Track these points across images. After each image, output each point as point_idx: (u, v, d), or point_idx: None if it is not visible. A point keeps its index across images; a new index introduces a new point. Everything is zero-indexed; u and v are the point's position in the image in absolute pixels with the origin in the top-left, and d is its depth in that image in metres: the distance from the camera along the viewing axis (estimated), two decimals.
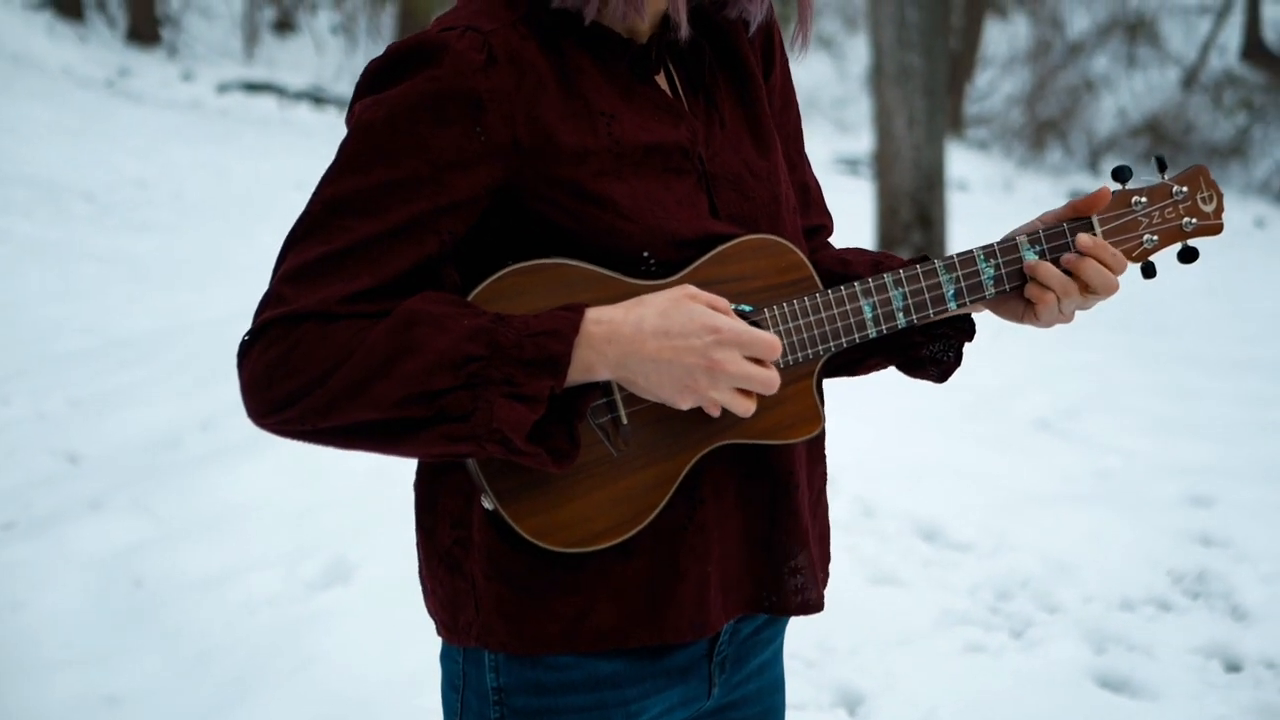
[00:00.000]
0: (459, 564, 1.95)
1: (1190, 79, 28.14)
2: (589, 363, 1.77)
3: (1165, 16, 29.78)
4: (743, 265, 1.93)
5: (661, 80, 2.00)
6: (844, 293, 1.98)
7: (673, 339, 1.77)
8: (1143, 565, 5.62)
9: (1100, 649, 4.92)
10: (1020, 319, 2.10)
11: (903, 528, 5.71)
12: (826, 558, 2.16)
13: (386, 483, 5.75)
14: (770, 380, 1.81)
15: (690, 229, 1.90)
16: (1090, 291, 2.04)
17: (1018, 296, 2.09)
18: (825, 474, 2.18)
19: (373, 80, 1.87)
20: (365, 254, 1.77)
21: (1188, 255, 2.10)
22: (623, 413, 1.86)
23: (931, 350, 2.15)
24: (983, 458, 6.87)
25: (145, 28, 21.98)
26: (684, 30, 1.91)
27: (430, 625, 2.08)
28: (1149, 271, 2.09)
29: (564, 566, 1.90)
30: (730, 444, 1.95)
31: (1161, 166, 2.09)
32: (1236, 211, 19.28)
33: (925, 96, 11.81)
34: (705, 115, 2.01)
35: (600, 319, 1.78)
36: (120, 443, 6.45)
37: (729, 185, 1.98)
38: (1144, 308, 11.72)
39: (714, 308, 1.81)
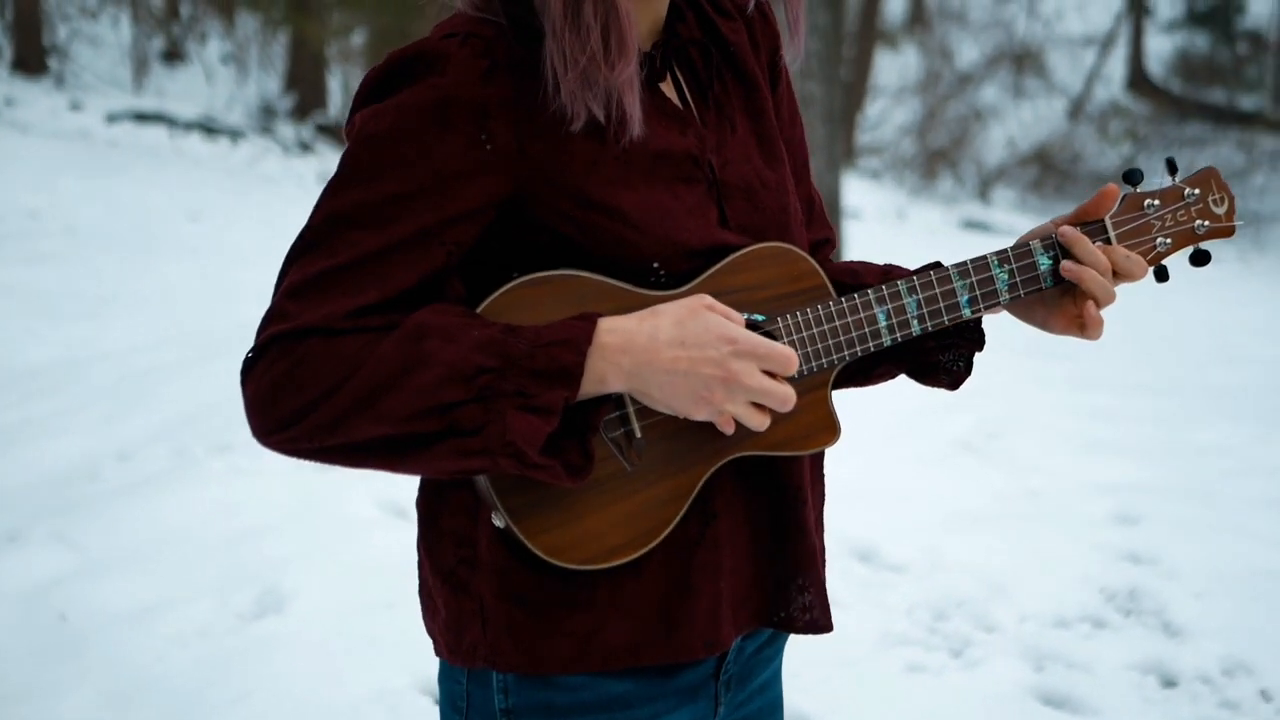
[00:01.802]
0: (465, 583, 1.91)
1: (1076, 109, 28.57)
2: (602, 374, 1.73)
3: (1051, 48, 30.24)
4: (754, 274, 1.90)
5: (668, 88, 1.96)
6: (857, 301, 1.95)
7: (689, 349, 1.74)
8: (1075, 583, 5.65)
9: (1039, 667, 4.93)
10: (1043, 324, 2.09)
11: (839, 549, 5.69)
12: (825, 579, 2.12)
13: (316, 509, 5.68)
14: (786, 395, 1.78)
15: (700, 239, 1.87)
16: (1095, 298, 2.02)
17: (1036, 301, 2.07)
18: (825, 492, 2.15)
19: (374, 89, 1.83)
20: (371, 267, 1.73)
21: (1200, 258, 2.09)
22: (636, 426, 1.82)
23: (942, 359, 2.13)
24: (912, 479, 6.88)
25: (31, 57, 21.61)
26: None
27: (372, 654, 2.02)
28: (1162, 275, 2.08)
29: (576, 584, 1.86)
30: (741, 457, 1.92)
31: (1172, 169, 2.07)
32: None
33: (824, 124, 11.86)
34: (715, 123, 1.98)
35: (614, 328, 1.74)
36: (35, 475, 6.29)
37: (739, 195, 1.96)
38: (1038, 333, 11.79)
39: (728, 318, 1.78)
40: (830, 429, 1.98)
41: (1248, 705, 4.75)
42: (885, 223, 22.13)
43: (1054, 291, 2.06)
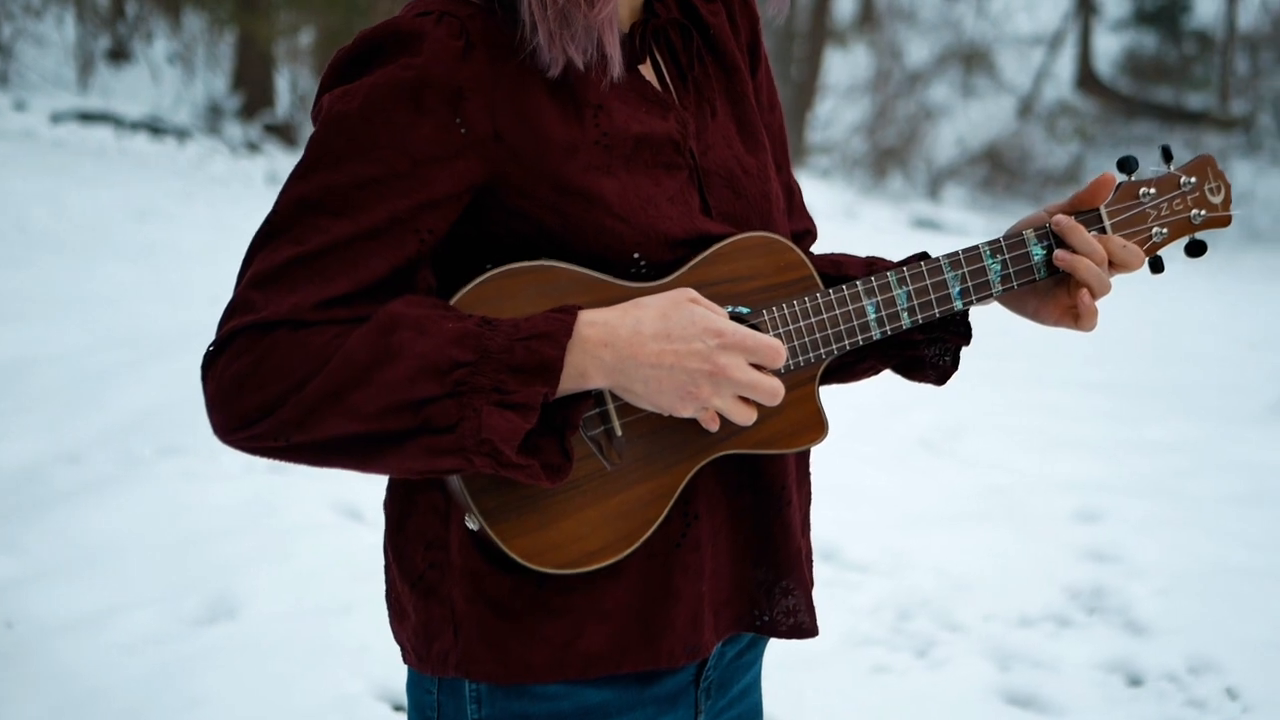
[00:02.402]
0: (434, 588, 1.84)
1: (1025, 108, 28.66)
2: (583, 368, 1.67)
3: (1000, 47, 30.32)
4: (739, 265, 1.85)
5: (647, 71, 1.90)
6: (845, 293, 1.90)
7: (674, 342, 1.68)
8: (1039, 582, 5.62)
9: (1004, 666, 4.90)
10: (1034, 314, 2.04)
11: None
12: (812, 582, 2.06)
13: (268, 512, 5.58)
14: (775, 389, 1.72)
15: (683, 228, 1.81)
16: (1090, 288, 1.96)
17: (1029, 291, 2.02)
18: (811, 493, 2.09)
19: (343, 69, 1.76)
20: (340, 256, 1.67)
21: (1196, 249, 2.04)
22: (616, 423, 1.77)
23: (929, 353, 2.07)
24: (873, 477, 6.84)
25: None
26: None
27: (327, 660, 1.94)
28: (1157, 266, 2.04)
29: (551, 588, 1.80)
30: (724, 455, 1.86)
31: (1167, 157, 2.02)
32: None
33: None
34: (695, 107, 1.92)
35: (595, 321, 1.68)
36: None
37: (721, 181, 1.90)
38: (988, 332, 11.81)
39: (713, 312, 1.72)
40: (818, 426, 1.92)
41: (1214, 704, 4.73)
42: (836, 221, 22.11)
43: (1047, 282, 2.01)
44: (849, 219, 22.87)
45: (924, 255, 1.99)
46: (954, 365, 2.08)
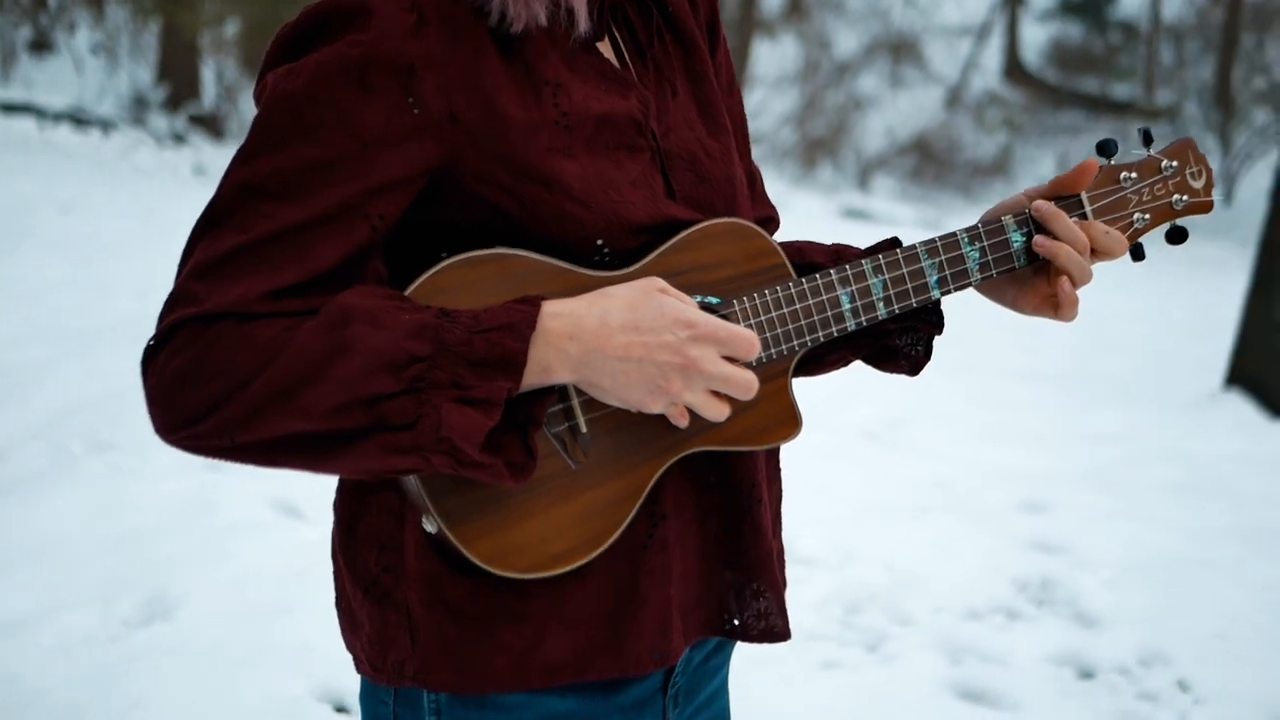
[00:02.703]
0: (389, 594, 1.76)
1: (954, 99, 28.76)
2: (547, 362, 1.59)
3: (928, 38, 30.43)
4: (708, 252, 1.77)
5: (605, 49, 1.82)
6: (819, 282, 1.83)
7: (643, 334, 1.60)
8: (987, 574, 5.59)
9: (955, 660, 4.86)
10: (1013, 303, 1.98)
11: None
12: (784, 583, 1.99)
13: (203, 509, 5.46)
14: (749, 383, 1.64)
15: (647, 213, 1.73)
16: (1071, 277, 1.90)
17: (1007, 280, 1.96)
18: (781, 490, 2.02)
19: (287, 46, 1.67)
20: (288, 244, 1.58)
21: (1177, 235, 1.98)
22: (581, 420, 1.68)
23: (901, 343, 2.00)
24: (819, 469, 6.78)
25: None
26: None
27: (267, 660, 1.86)
28: (1138, 254, 1.98)
29: (512, 593, 1.71)
30: (694, 452, 1.78)
31: (1147, 140, 1.96)
32: None
33: None
34: (655, 87, 1.84)
35: (560, 312, 1.60)
36: None
37: (684, 165, 1.82)
38: None
39: (684, 303, 1.64)
40: (791, 421, 1.85)
41: (1166, 696, 4.71)
42: None
43: (1026, 270, 1.95)
44: (779, 210, 22.87)
45: (895, 241, 1.93)
46: (927, 355, 2.01)
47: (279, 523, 5.44)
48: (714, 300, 1.76)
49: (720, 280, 1.78)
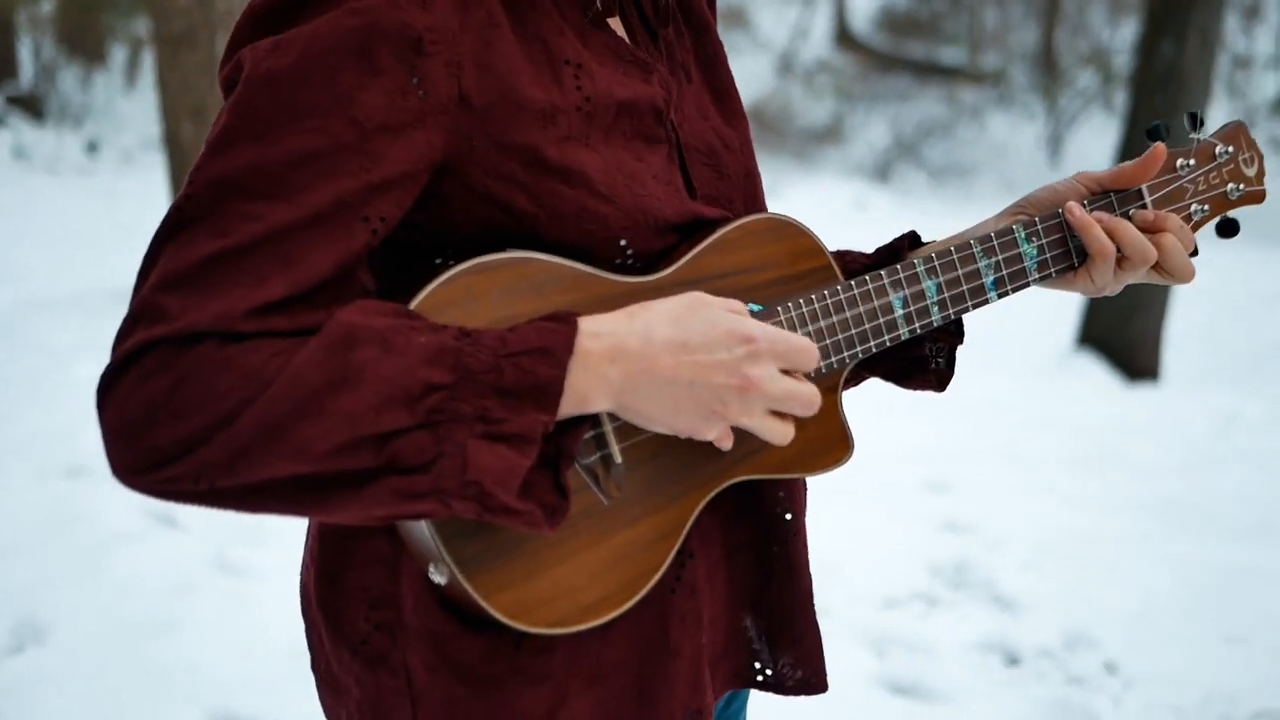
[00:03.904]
0: (383, 656, 1.53)
1: (785, 66, 28.73)
2: (585, 390, 1.37)
3: (757, 6, 30.35)
4: (749, 253, 1.59)
5: (616, 26, 1.59)
6: (870, 286, 1.64)
7: (694, 353, 1.40)
8: (901, 559, 5.45)
9: (881, 652, 4.71)
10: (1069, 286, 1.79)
11: None
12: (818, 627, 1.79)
13: (70, 523, 5.11)
14: (813, 398, 1.45)
15: (674, 209, 1.54)
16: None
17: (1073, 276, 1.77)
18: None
19: (266, 17, 1.43)
20: (276, 250, 1.34)
21: (1228, 229, 1.82)
22: (615, 449, 1.46)
23: (929, 353, 1.81)
24: None
25: None
26: None
27: (153, 684, 1.62)
28: (1194, 250, 1.78)
29: (530, 650, 1.50)
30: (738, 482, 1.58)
31: (1196, 123, 1.78)
32: (833, 195, 19.67)
33: None
34: (668, 72, 1.62)
35: (599, 331, 1.39)
36: None
37: (701, 158, 1.63)
38: None
39: (731, 312, 1.45)
40: (842, 444, 1.67)
41: (1095, 680, 4.63)
42: None
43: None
44: None
45: (914, 236, 1.75)
46: (950, 367, 1.83)
47: (154, 533, 5.06)
48: (756, 307, 1.56)
49: (764, 284, 1.59)
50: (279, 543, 4.83)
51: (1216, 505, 6.36)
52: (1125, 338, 11.33)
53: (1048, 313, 10.79)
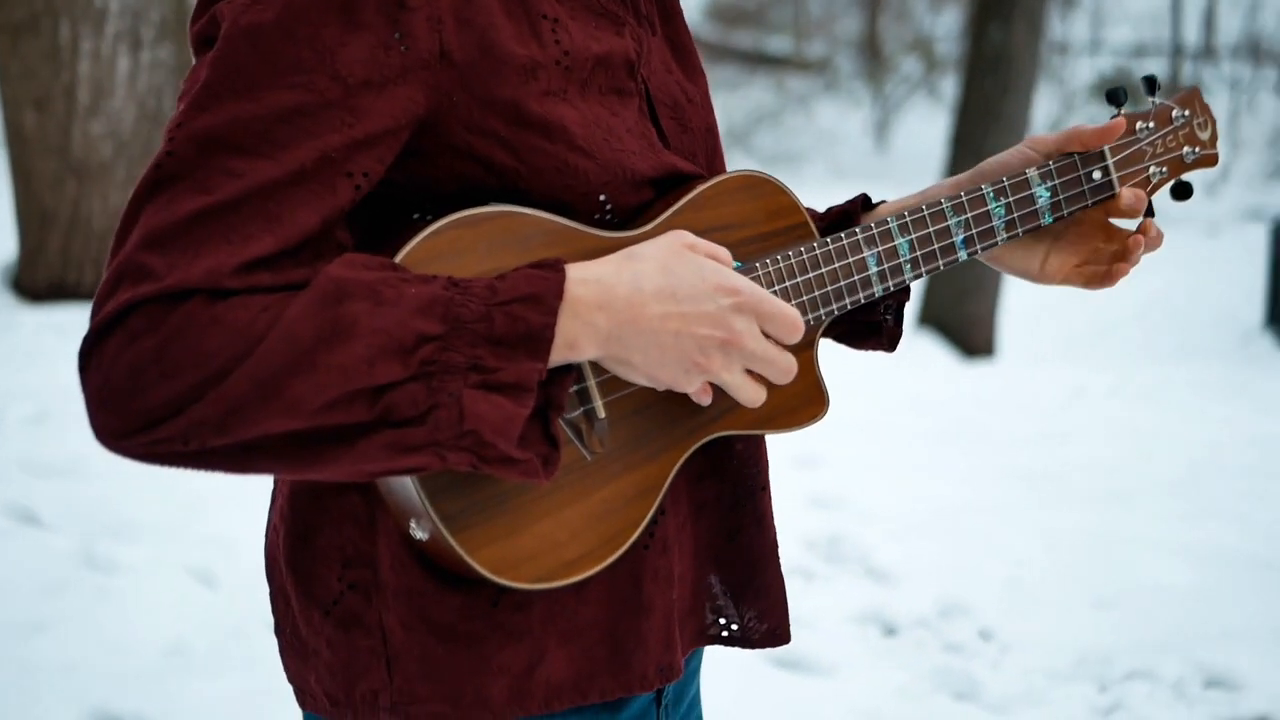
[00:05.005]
0: (358, 616, 1.50)
1: None
2: (573, 337, 1.37)
3: None
4: (727, 210, 1.59)
5: None
6: (845, 242, 1.64)
7: (681, 303, 1.40)
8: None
9: None
10: (1040, 273, 1.82)
11: None
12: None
13: None
14: (789, 366, 1.47)
15: (651, 164, 1.54)
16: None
17: (1030, 242, 1.79)
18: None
19: None
20: (262, 206, 1.32)
21: (1183, 191, 1.85)
22: (598, 403, 1.46)
23: (881, 311, 1.82)
24: None
25: None
26: None
27: (26, 685, 1.60)
28: (1149, 211, 1.81)
29: (508, 606, 1.49)
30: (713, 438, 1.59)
31: (1152, 87, 1.81)
32: None
33: None
34: (634, 24, 1.61)
35: (587, 278, 1.38)
36: None
37: (668, 111, 1.63)
38: None
39: (715, 258, 1.45)
40: (819, 399, 1.66)
41: (971, 647, 4.71)
42: None
43: (1053, 238, 1.80)
44: None
45: (865, 198, 1.76)
46: (898, 325, 1.83)
47: (18, 533, 4.92)
48: (736, 264, 1.53)
49: (742, 241, 1.58)
50: (149, 538, 4.73)
51: (1073, 475, 6.51)
52: (962, 316, 11.59)
53: None
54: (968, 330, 11.54)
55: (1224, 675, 4.45)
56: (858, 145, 25.67)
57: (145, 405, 1.27)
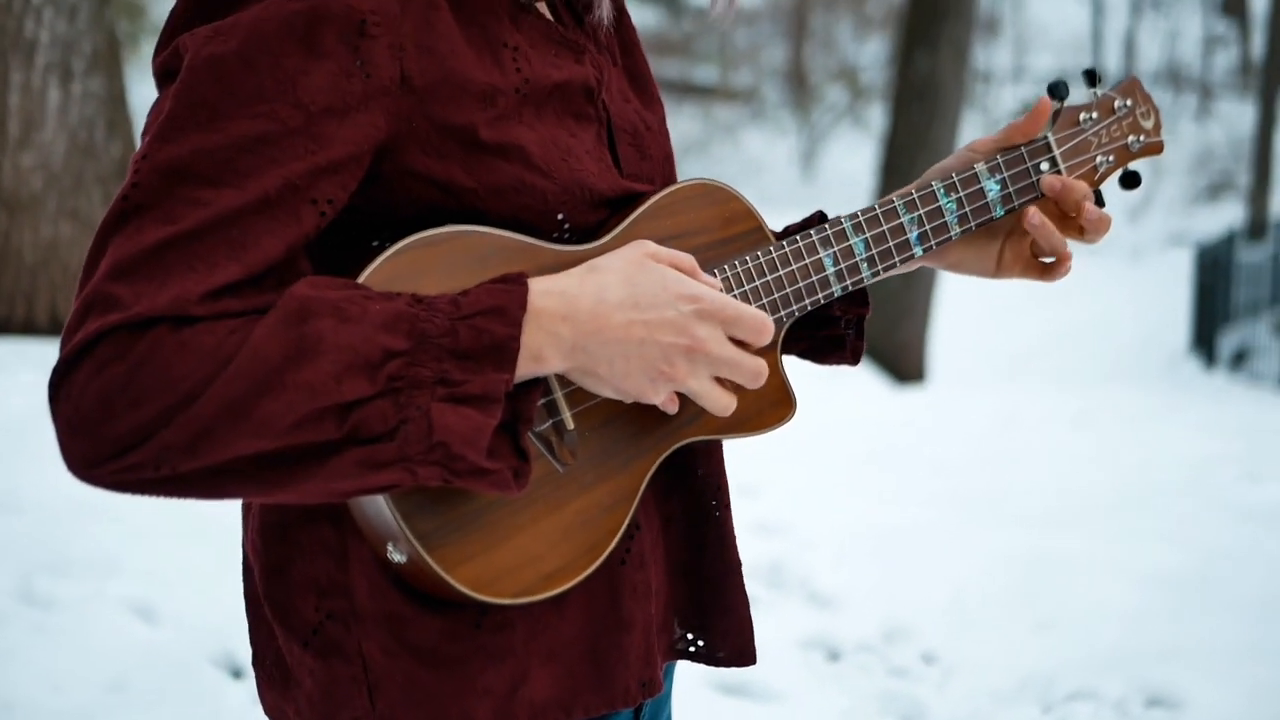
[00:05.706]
0: (337, 644, 1.49)
1: None
2: (539, 348, 1.39)
3: None
4: (683, 218, 1.61)
5: (544, 9, 1.60)
6: (800, 244, 1.66)
7: (644, 311, 1.42)
8: None
9: None
10: (996, 269, 1.84)
11: None
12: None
13: None
14: (759, 369, 1.47)
15: (608, 184, 1.56)
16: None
17: (984, 237, 1.82)
18: None
19: (206, 1, 1.40)
20: (226, 234, 1.33)
21: (1130, 180, 1.87)
22: (567, 415, 1.48)
23: (842, 326, 1.83)
24: None
25: None
26: None
27: None
28: (1099, 200, 1.83)
29: (490, 627, 1.49)
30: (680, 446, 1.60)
31: (1093, 80, 1.83)
32: None
33: None
34: (594, 50, 1.63)
35: (550, 290, 1.40)
36: None
37: (628, 138, 1.65)
38: None
39: (677, 267, 1.47)
40: (785, 401, 1.67)
41: (916, 671, 4.73)
42: None
43: (1004, 236, 1.82)
44: None
45: (821, 214, 1.77)
46: (860, 338, 1.85)
47: None
48: None
49: (699, 248, 1.60)
50: (86, 573, 4.68)
51: (1009, 498, 6.56)
52: (892, 343, 11.68)
53: None
54: (898, 357, 11.63)
55: (1165, 694, 4.48)
56: (784, 174, 25.83)
57: (115, 432, 1.27)
